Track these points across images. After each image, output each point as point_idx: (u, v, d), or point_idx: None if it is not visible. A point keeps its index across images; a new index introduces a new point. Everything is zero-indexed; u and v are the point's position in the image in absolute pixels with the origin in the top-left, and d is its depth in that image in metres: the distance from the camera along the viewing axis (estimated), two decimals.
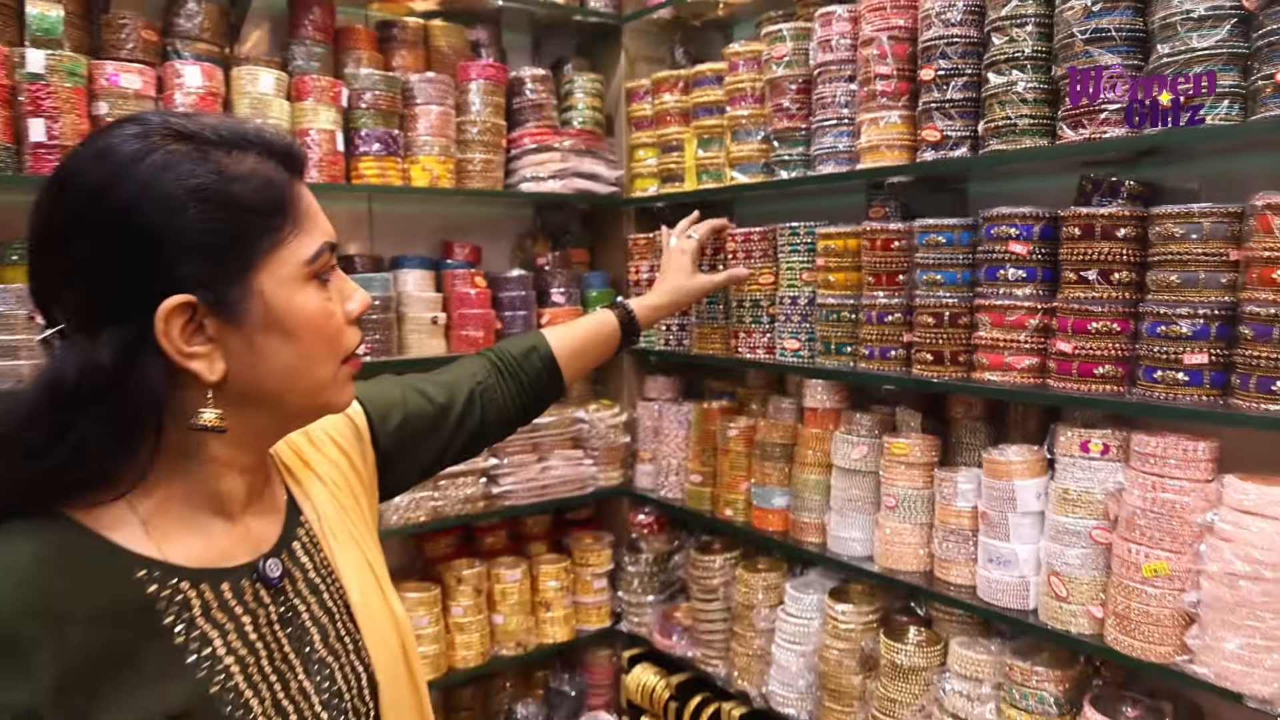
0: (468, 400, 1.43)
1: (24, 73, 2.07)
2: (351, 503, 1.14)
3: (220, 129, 0.90)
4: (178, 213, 0.84)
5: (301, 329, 0.92)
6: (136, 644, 0.85)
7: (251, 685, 0.92)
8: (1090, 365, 1.78)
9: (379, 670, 1.06)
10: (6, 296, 2.10)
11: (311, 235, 0.95)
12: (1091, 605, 1.83)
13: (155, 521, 0.89)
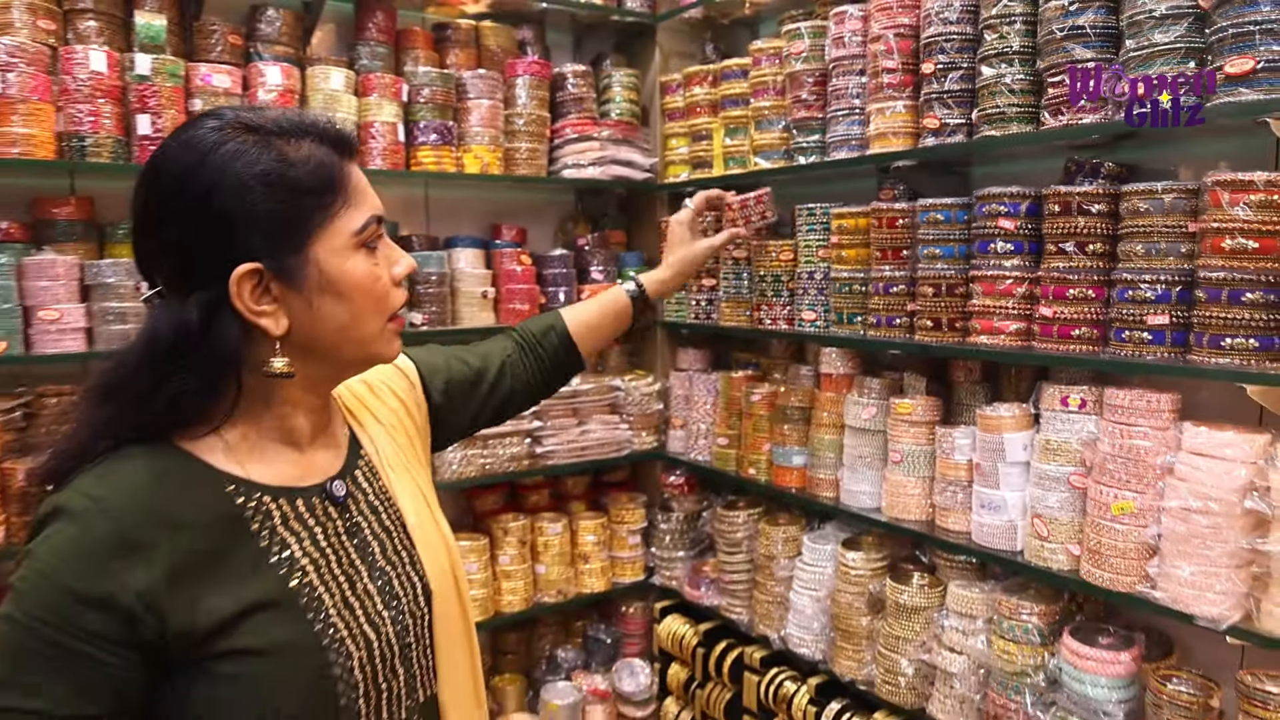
0: (499, 370, 1.54)
1: (133, 74, 2.38)
2: (406, 442, 1.29)
3: (281, 120, 1.03)
4: (247, 195, 0.97)
5: (351, 291, 1.04)
6: (230, 546, 1.00)
7: (324, 583, 1.06)
8: (1068, 328, 1.99)
9: (432, 580, 1.19)
10: (117, 269, 2.41)
11: (359, 209, 1.06)
12: (1069, 544, 2.04)
13: (240, 449, 1.05)
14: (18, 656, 0.90)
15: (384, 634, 1.09)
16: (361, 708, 1.05)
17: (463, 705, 1.22)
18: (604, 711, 3.22)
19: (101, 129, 2.34)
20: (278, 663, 0.98)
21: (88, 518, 0.92)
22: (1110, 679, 1.98)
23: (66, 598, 0.90)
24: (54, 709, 0.89)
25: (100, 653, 0.90)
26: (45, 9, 2.35)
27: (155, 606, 0.92)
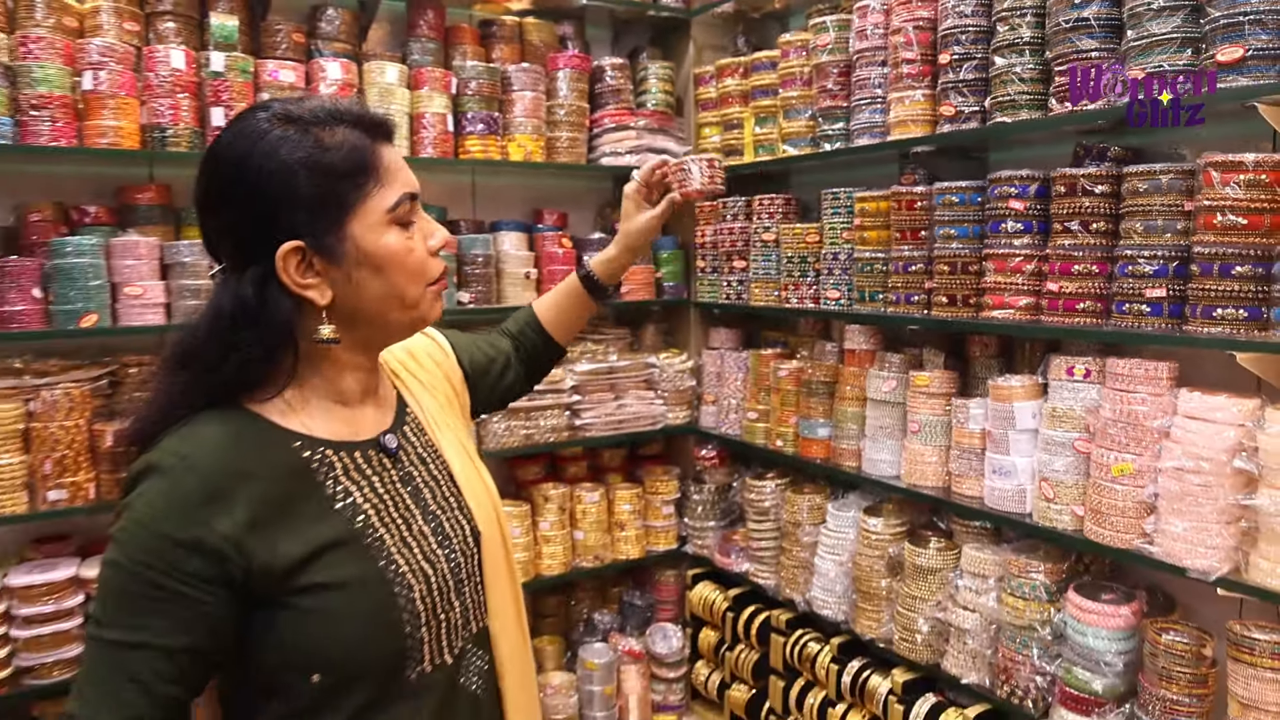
0: (505, 363, 1.64)
1: (208, 70, 2.59)
2: (445, 401, 1.41)
3: (317, 109, 1.12)
4: (290, 179, 1.07)
5: (387, 263, 1.12)
6: (299, 494, 1.11)
7: (384, 525, 1.16)
8: (1074, 302, 2.12)
9: (479, 522, 1.30)
10: (192, 250, 2.63)
11: (392, 188, 1.13)
12: (1074, 505, 2.17)
13: (300, 409, 1.16)
14: (123, 597, 1.02)
15: (439, 569, 1.20)
16: (424, 636, 1.16)
17: (510, 635, 1.34)
18: (638, 672, 3.39)
19: (180, 121, 2.56)
20: (349, 595, 1.09)
21: (177, 473, 1.04)
22: (1111, 631, 2.11)
23: (165, 543, 1.01)
24: (157, 641, 1.01)
25: (196, 591, 1.02)
26: (130, 12, 2.57)
27: (240, 547, 1.04)
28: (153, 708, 1.01)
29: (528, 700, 1.37)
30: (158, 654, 1.01)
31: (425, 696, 1.17)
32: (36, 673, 2.47)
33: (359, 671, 1.11)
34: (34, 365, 2.54)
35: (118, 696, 1.00)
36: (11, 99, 2.39)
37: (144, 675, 1.01)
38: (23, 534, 2.72)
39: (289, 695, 1.10)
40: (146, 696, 1.01)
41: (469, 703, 1.24)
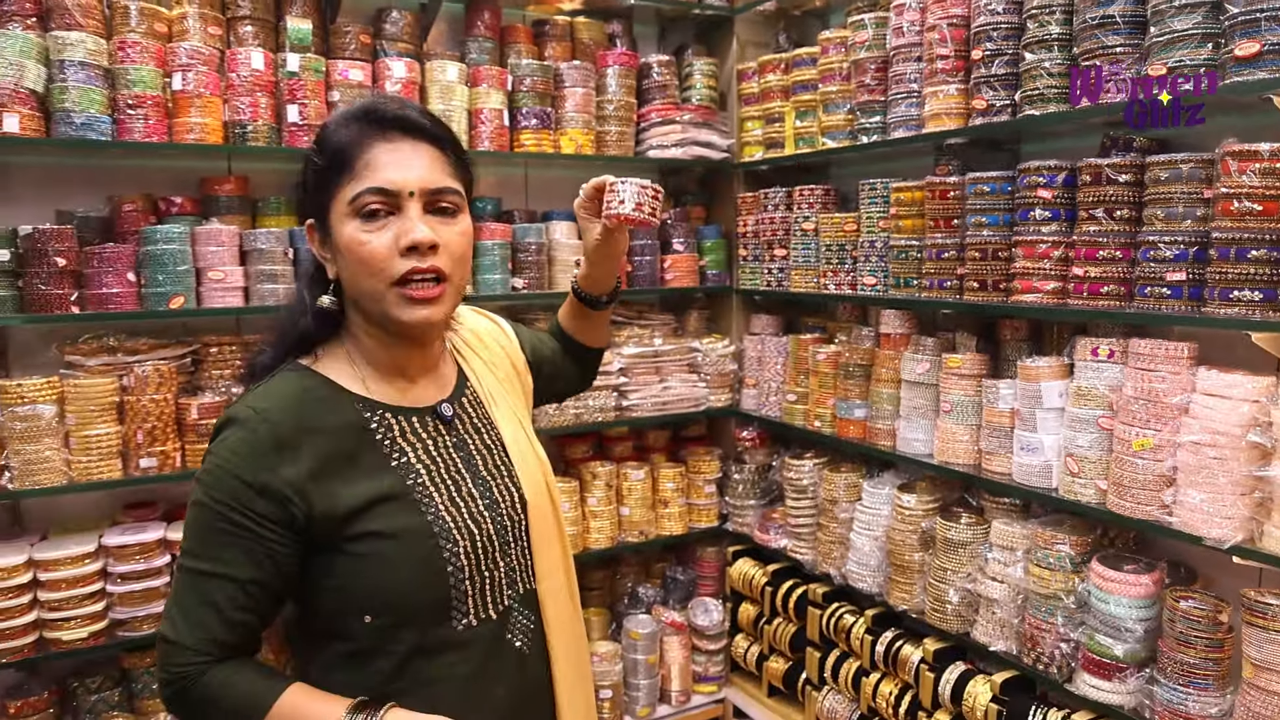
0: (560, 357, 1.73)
1: (285, 71, 2.79)
2: (505, 379, 1.51)
3: (350, 109, 1.26)
4: (305, 169, 1.27)
5: (345, 252, 1.22)
6: (358, 450, 1.24)
7: (434, 484, 1.27)
8: (1098, 285, 2.23)
9: (527, 491, 1.38)
10: (269, 237, 2.83)
11: (360, 182, 1.19)
12: (1098, 479, 2.28)
13: (367, 377, 1.29)
14: (204, 532, 1.17)
15: (485, 530, 1.29)
16: (468, 589, 1.26)
17: (559, 598, 1.42)
18: (680, 643, 3.55)
19: (259, 118, 2.76)
20: (399, 544, 1.21)
21: (253, 424, 1.18)
22: (1132, 599, 2.22)
23: (238, 485, 1.15)
24: (230, 572, 1.16)
25: (263, 529, 1.16)
26: (213, 17, 2.78)
27: (302, 493, 1.17)
28: (225, 629, 1.17)
29: (577, 662, 1.45)
30: (230, 583, 1.16)
31: (471, 647, 1.27)
32: (128, 625, 2.69)
33: (407, 616, 1.22)
34: (126, 344, 2.76)
35: (197, 618, 1.16)
36: (110, 99, 2.60)
37: (219, 600, 1.16)
38: (115, 499, 2.95)
39: (346, 636, 1.22)
40: (220, 619, 1.16)
41: (515, 658, 1.34)
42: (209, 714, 1.17)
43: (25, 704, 2.69)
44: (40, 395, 2.53)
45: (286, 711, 1.16)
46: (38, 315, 2.53)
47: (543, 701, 1.40)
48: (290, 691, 1.18)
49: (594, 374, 1.84)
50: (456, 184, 1.27)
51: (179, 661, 1.16)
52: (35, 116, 2.51)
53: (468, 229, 1.28)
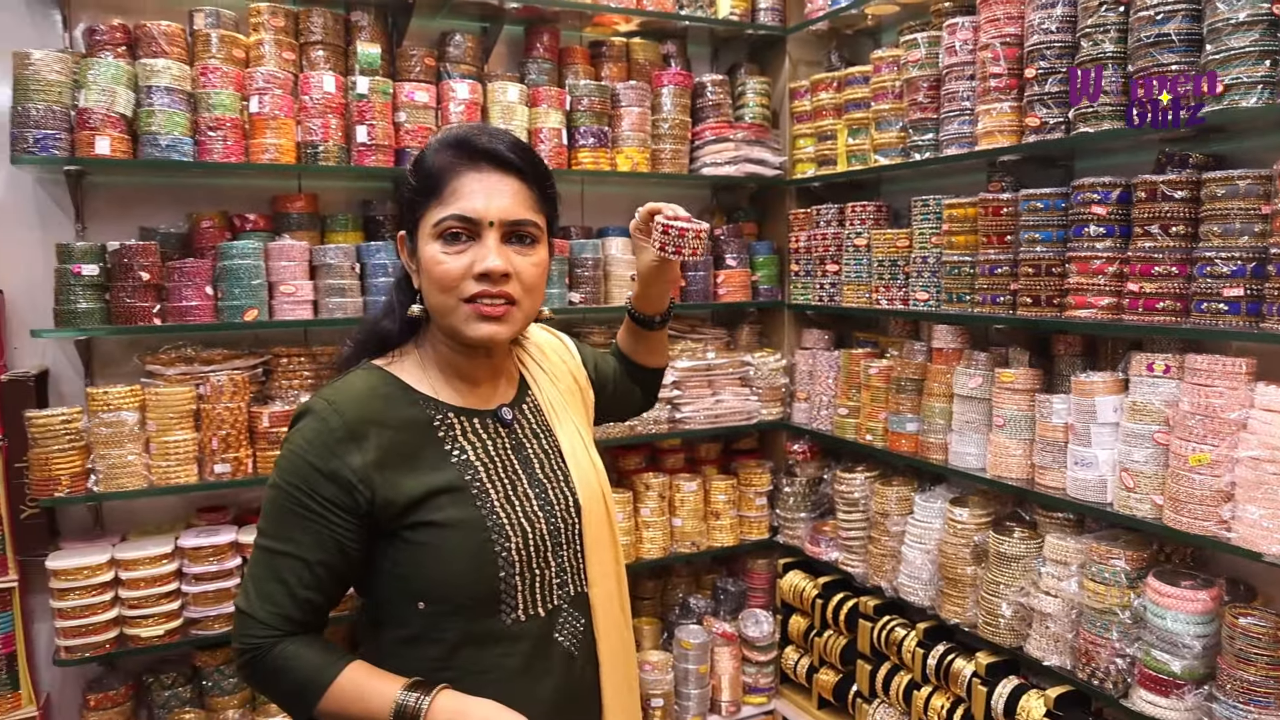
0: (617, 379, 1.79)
1: (355, 93, 2.91)
2: (568, 394, 1.57)
3: (447, 135, 1.34)
4: (402, 185, 1.36)
5: (426, 268, 1.30)
6: (421, 445, 1.31)
7: (490, 481, 1.34)
8: (1154, 301, 2.24)
9: (582, 497, 1.43)
10: (337, 253, 2.94)
11: (445, 208, 1.28)
12: (1154, 494, 2.29)
13: (434, 378, 1.37)
14: (277, 513, 1.26)
15: (538, 529, 1.35)
16: (518, 584, 1.32)
17: (609, 603, 1.46)
18: (730, 654, 3.58)
19: (329, 138, 2.88)
20: (454, 534, 1.27)
21: (326, 414, 1.26)
22: (1189, 615, 2.22)
23: (311, 471, 1.24)
24: (299, 552, 1.24)
25: (330, 514, 1.24)
26: (287, 43, 2.91)
27: (367, 482, 1.25)
28: (293, 605, 1.25)
29: (625, 668, 1.49)
30: (299, 562, 1.24)
31: (518, 642, 1.33)
32: (201, 624, 2.81)
33: (458, 605, 1.28)
34: (202, 354, 2.89)
35: (268, 593, 1.25)
36: (192, 122, 2.74)
37: (288, 578, 1.24)
38: (189, 503, 3.08)
39: (401, 622, 1.30)
40: (289, 595, 1.25)
41: (563, 658, 1.38)
42: (278, 683, 1.26)
43: (105, 697, 2.82)
44: (124, 402, 2.67)
45: (347, 685, 1.24)
46: (123, 326, 2.66)
47: (589, 703, 1.45)
48: (351, 668, 1.26)
49: (655, 395, 1.88)
50: (536, 216, 1.33)
51: (252, 633, 1.25)
52: (124, 139, 2.65)
53: (543, 260, 1.35)
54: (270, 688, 1.28)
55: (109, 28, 2.72)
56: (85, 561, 2.64)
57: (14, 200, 2.83)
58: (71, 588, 2.62)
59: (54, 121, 2.58)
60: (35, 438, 2.58)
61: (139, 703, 2.96)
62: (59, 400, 2.89)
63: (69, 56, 2.65)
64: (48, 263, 2.68)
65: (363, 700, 1.23)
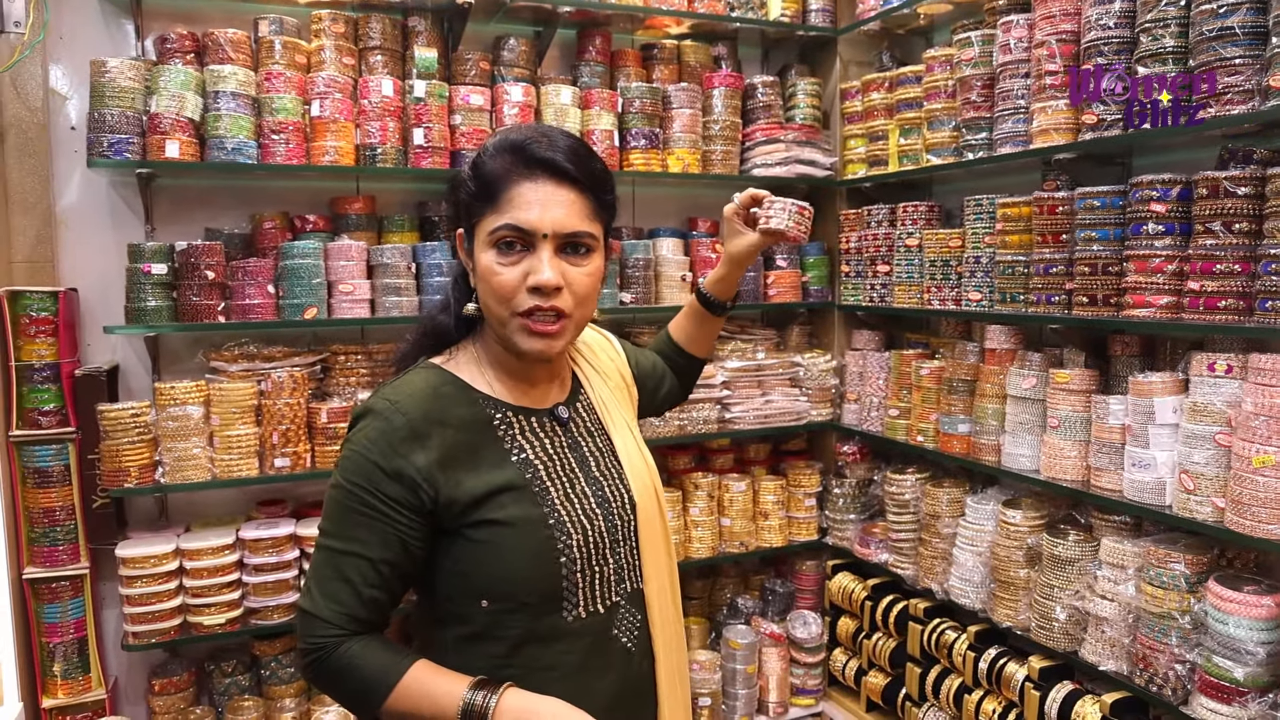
0: (661, 374, 1.81)
1: (412, 97, 2.97)
2: (618, 391, 1.59)
3: (507, 138, 1.33)
4: (459, 186, 1.35)
5: (481, 274, 1.30)
6: (481, 443, 1.32)
7: (550, 479, 1.34)
8: (1215, 300, 2.20)
9: (635, 494, 1.44)
10: (393, 253, 3.01)
11: (500, 216, 1.28)
12: (1215, 497, 2.24)
13: (493, 377, 1.38)
14: (341, 512, 1.26)
15: (596, 526, 1.36)
16: (579, 581, 1.32)
17: (663, 601, 1.47)
18: (778, 654, 3.58)
19: (387, 141, 2.95)
20: (516, 532, 1.28)
21: (388, 414, 1.27)
22: (1253, 620, 2.17)
23: (375, 470, 1.24)
24: (364, 552, 1.24)
25: (395, 513, 1.24)
26: (347, 48, 2.99)
27: (431, 480, 1.25)
28: (358, 604, 1.25)
29: (678, 662, 1.50)
30: (364, 561, 1.24)
31: (579, 639, 1.33)
32: (261, 614, 2.89)
33: (518, 602, 1.29)
34: (263, 351, 2.97)
35: (333, 592, 1.25)
36: (256, 126, 2.83)
37: (353, 577, 1.25)
38: (248, 497, 3.17)
39: (463, 620, 1.30)
40: (354, 594, 1.25)
41: (621, 654, 1.39)
42: (344, 683, 1.26)
43: (169, 683, 2.92)
44: (190, 397, 2.76)
45: (413, 685, 1.24)
46: (189, 324, 2.76)
47: (645, 699, 1.46)
48: (416, 667, 1.26)
49: (693, 385, 1.90)
50: (592, 226, 1.32)
51: (317, 633, 1.25)
52: (192, 143, 2.74)
53: (597, 268, 1.34)
54: (335, 688, 1.28)
55: (178, 36, 2.82)
56: (152, 550, 2.73)
57: (89, 203, 2.95)
58: (139, 575, 2.72)
59: (127, 126, 2.68)
60: (106, 430, 2.68)
61: (200, 689, 3.06)
62: (128, 395, 2.99)
63: (141, 64, 2.75)
64: (120, 262, 2.79)
65: (429, 699, 1.24)
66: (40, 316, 2.70)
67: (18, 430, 2.68)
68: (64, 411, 2.73)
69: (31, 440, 2.69)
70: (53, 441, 2.71)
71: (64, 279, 2.91)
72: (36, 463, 2.69)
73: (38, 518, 2.70)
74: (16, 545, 2.68)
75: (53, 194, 2.89)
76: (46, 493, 2.70)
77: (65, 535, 2.74)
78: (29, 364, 2.69)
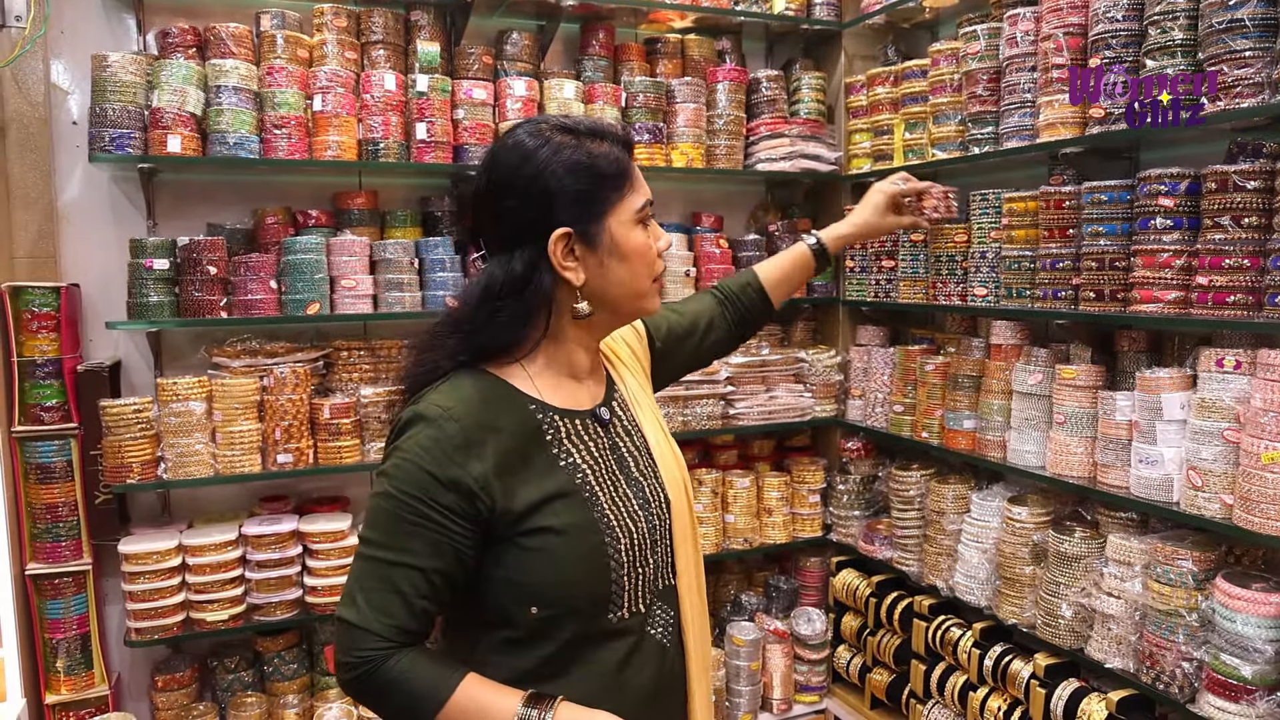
0: (708, 324, 1.82)
1: (415, 91, 2.96)
2: (643, 381, 1.59)
3: (586, 125, 1.33)
4: (565, 178, 1.27)
5: (631, 255, 1.32)
6: (532, 450, 1.29)
7: (598, 483, 1.32)
8: (1224, 295, 2.18)
9: (669, 492, 1.44)
10: (396, 248, 3.00)
11: (639, 193, 1.34)
12: (1223, 493, 2.22)
13: (537, 378, 1.34)
14: (392, 522, 1.21)
15: (640, 528, 1.34)
16: (625, 583, 1.31)
17: (693, 595, 1.47)
18: (782, 651, 3.57)
19: (390, 135, 2.94)
20: (569, 539, 1.26)
21: (441, 422, 1.22)
22: (1261, 618, 2.15)
23: (429, 479, 1.20)
24: (416, 562, 1.20)
25: (449, 522, 1.21)
26: (350, 42, 2.97)
27: (488, 489, 1.22)
28: (409, 615, 1.21)
29: (705, 654, 1.50)
30: (416, 572, 1.21)
31: (621, 638, 1.33)
32: (263, 610, 2.88)
33: (570, 608, 1.27)
34: (266, 347, 2.97)
35: (383, 605, 1.21)
36: (258, 120, 2.82)
37: (405, 588, 1.21)
38: (251, 493, 3.16)
39: (511, 625, 1.28)
40: (406, 606, 1.21)
41: (657, 651, 1.39)
42: (391, 698, 1.22)
43: (172, 679, 2.91)
44: (192, 393, 2.75)
45: (464, 700, 1.21)
46: (192, 319, 2.75)
47: (678, 693, 1.46)
48: (467, 682, 1.23)
49: (750, 334, 1.97)
50: None
51: (365, 646, 1.20)
52: (194, 137, 2.73)
53: None
54: (382, 703, 1.24)
55: (180, 30, 2.80)
56: (155, 546, 2.73)
57: (91, 198, 2.94)
58: (142, 571, 2.71)
59: (129, 121, 2.67)
60: (109, 426, 2.67)
61: (204, 685, 3.05)
62: (131, 390, 2.99)
63: (143, 59, 2.75)
64: (121, 257, 2.78)
65: (481, 715, 1.21)
66: (42, 312, 2.70)
67: (20, 426, 2.68)
68: (66, 407, 2.73)
69: (34, 436, 2.69)
70: (55, 437, 2.71)
71: (66, 274, 2.91)
72: (39, 458, 2.69)
73: (40, 513, 2.70)
74: (19, 541, 2.68)
75: (54, 189, 2.88)
76: (49, 488, 2.70)
77: (68, 531, 2.73)
78: (31, 360, 2.68)
